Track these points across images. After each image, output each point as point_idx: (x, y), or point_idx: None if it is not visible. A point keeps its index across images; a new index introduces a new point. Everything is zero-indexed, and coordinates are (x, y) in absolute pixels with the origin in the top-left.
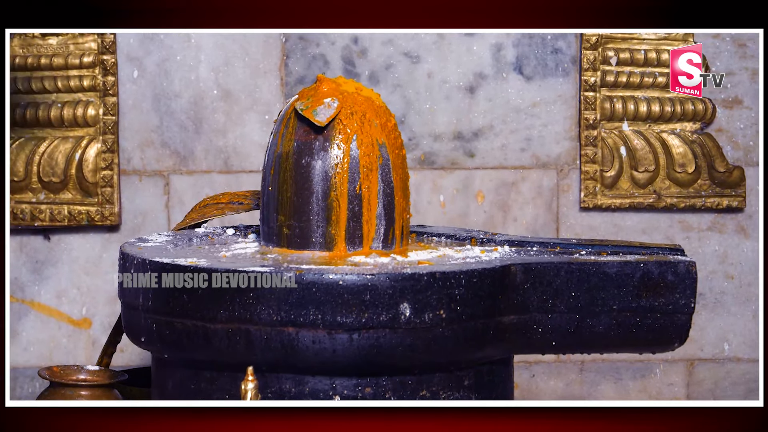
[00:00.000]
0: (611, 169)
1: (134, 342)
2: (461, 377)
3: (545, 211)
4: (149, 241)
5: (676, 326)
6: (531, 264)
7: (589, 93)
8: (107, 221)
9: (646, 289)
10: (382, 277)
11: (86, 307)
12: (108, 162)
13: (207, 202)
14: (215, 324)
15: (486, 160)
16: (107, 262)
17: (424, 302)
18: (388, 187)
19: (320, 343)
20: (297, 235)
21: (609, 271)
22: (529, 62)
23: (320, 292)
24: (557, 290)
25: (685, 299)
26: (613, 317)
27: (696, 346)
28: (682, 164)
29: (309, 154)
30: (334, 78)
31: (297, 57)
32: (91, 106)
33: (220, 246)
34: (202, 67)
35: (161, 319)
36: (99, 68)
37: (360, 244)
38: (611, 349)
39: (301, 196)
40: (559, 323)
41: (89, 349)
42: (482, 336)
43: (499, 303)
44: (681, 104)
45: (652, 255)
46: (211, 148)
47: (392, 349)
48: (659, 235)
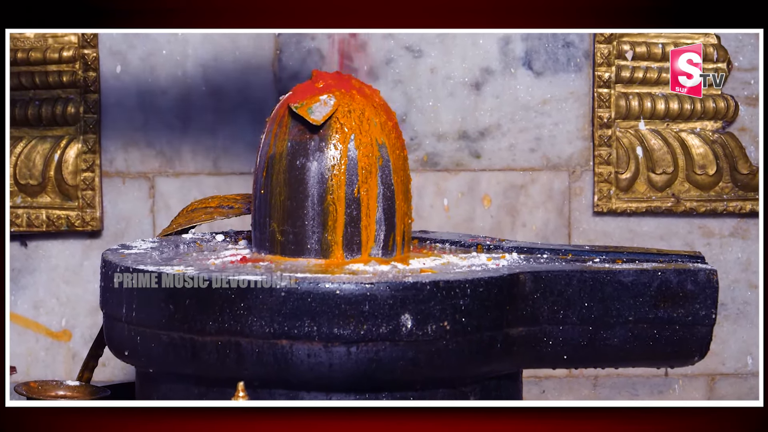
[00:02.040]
0: (627, 171)
1: (117, 356)
2: (466, 393)
3: (556, 216)
4: (133, 248)
5: (696, 339)
6: (541, 272)
7: (603, 89)
8: (88, 227)
9: (664, 299)
10: (381, 286)
11: (66, 319)
12: (89, 163)
13: (195, 207)
14: (204, 336)
15: (493, 161)
16: (88, 271)
17: (426, 313)
18: (388, 190)
19: (316, 356)
20: (291, 241)
21: (624, 280)
22: (539, 57)
23: (316, 302)
24: (569, 300)
25: (705, 310)
26: (628, 329)
27: (717, 360)
28: (702, 166)
29: (304, 154)
30: (330, 73)
31: (291, 51)
32: (71, 104)
33: (208, 253)
34: (189, 62)
35: (146, 331)
36: (79, 63)
37: (358, 251)
38: (627, 363)
39: (296, 199)
40: (571, 335)
41: (69, 363)
42: (489, 349)
43: (507, 314)
44: (701, 102)
45: (670, 263)
46: (200, 149)
47: (393, 363)
48: (678, 242)
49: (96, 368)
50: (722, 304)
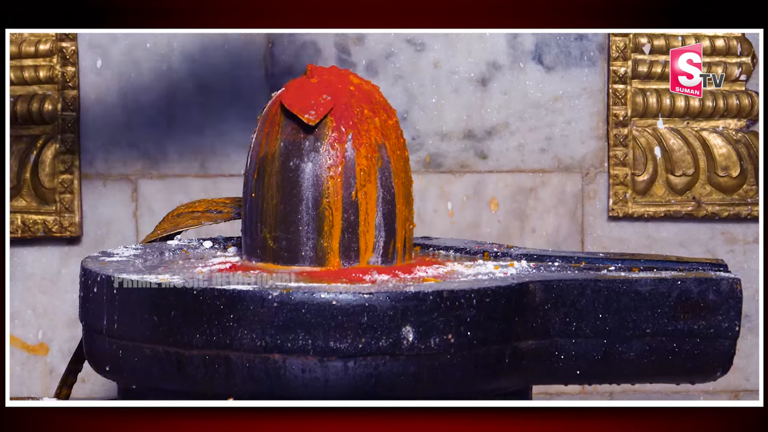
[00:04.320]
0: (644, 173)
1: (97, 371)
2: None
3: (568, 221)
4: (115, 256)
5: (719, 352)
6: (552, 281)
7: (619, 85)
8: (66, 232)
9: (684, 311)
10: (381, 296)
11: (42, 331)
12: (67, 164)
13: (181, 211)
14: (190, 350)
15: (500, 162)
16: (66, 280)
17: (429, 325)
18: (388, 194)
19: (311, 372)
20: (284, 248)
21: (641, 290)
22: (549, 50)
23: (311, 313)
24: (582, 312)
25: (728, 322)
26: (646, 342)
27: (741, 376)
28: (725, 167)
29: (298, 155)
30: (326, 68)
31: (284, 44)
32: (48, 101)
33: (195, 261)
34: (175, 56)
35: (128, 345)
36: (57, 57)
37: (356, 258)
38: (644, 378)
39: (289, 203)
40: (584, 349)
41: (46, 379)
42: (496, 364)
43: (516, 326)
44: (724, 98)
45: (690, 271)
46: (186, 149)
47: (393, 379)
48: (699, 249)
49: (75, 384)
50: (746, 315)
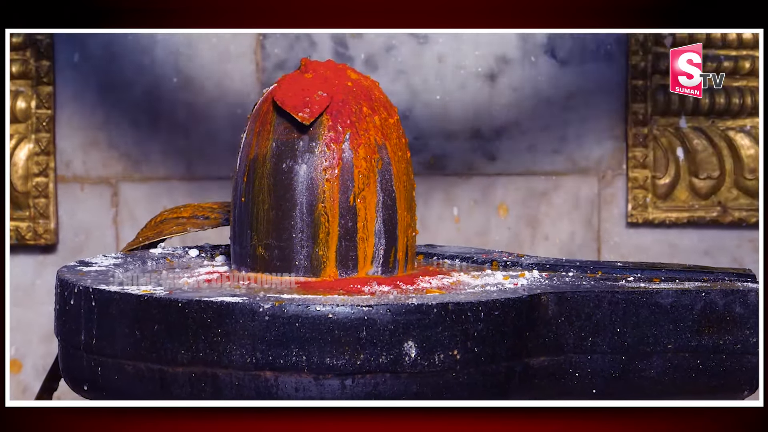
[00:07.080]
0: (665, 176)
1: (75, 389)
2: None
3: (584, 228)
4: (93, 265)
5: (746, 369)
6: (566, 293)
7: (639, 81)
8: (41, 240)
9: (708, 324)
10: (381, 309)
11: (15, 347)
12: (42, 167)
13: (165, 217)
14: (175, 367)
15: (510, 164)
16: (41, 291)
17: (433, 341)
18: (389, 198)
19: (305, 390)
20: (276, 257)
21: (663, 302)
22: (563, 43)
23: (305, 327)
24: (599, 325)
25: (756, 336)
26: (667, 359)
27: None
28: (752, 169)
29: (291, 157)
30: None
31: (276, 36)
32: (21, 98)
33: (181, 271)
34: (158, 49)
35: (108, 361)
36: (31, 50)
37: (354, 268)
38: (665, 397)
39: (281, 209)
40: (600, 366)
41: (20, 398)
42: (505, 382)
43: (527, 342)
44: (752, 95)
45: (715, 282)
46: (170, 150)
47: (394, 399)
48: (725, 257)
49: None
50: None
